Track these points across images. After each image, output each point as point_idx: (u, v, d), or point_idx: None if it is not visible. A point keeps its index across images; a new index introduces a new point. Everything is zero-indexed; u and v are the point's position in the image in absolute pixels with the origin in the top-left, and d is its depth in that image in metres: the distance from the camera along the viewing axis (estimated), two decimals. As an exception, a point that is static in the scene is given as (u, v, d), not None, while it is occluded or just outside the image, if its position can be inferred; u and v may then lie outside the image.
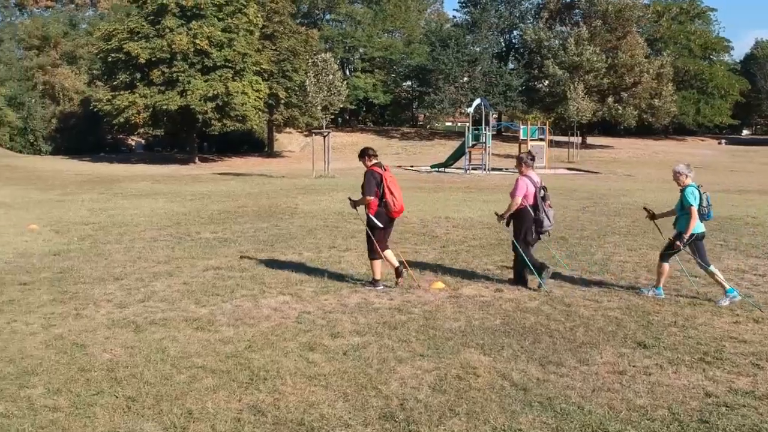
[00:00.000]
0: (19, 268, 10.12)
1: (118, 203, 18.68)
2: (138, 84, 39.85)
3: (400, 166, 40.70)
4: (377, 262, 8.87)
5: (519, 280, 9.07)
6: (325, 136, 30.04)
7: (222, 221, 15.22)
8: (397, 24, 66.15)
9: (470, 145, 36.58)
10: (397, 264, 8.94)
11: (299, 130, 55.71)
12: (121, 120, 40.24)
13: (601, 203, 19.16)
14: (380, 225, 8.77)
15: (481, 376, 5.86)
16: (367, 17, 63.04)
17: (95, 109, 41.36)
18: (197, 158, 43.97)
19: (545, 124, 42.77)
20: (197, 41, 38.69)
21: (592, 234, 13.42)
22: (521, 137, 39.06)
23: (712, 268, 8.25)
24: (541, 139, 39.40)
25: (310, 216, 16.17)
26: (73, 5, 72.33)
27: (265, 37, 45.09)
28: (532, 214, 8.83)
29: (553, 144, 45.89)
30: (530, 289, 8.87)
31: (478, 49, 59.00)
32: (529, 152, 9.48)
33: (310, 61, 30.59)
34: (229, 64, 39.97)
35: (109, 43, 40.09)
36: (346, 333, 7.04)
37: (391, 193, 8.64)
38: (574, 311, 7.85)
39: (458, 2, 63.51)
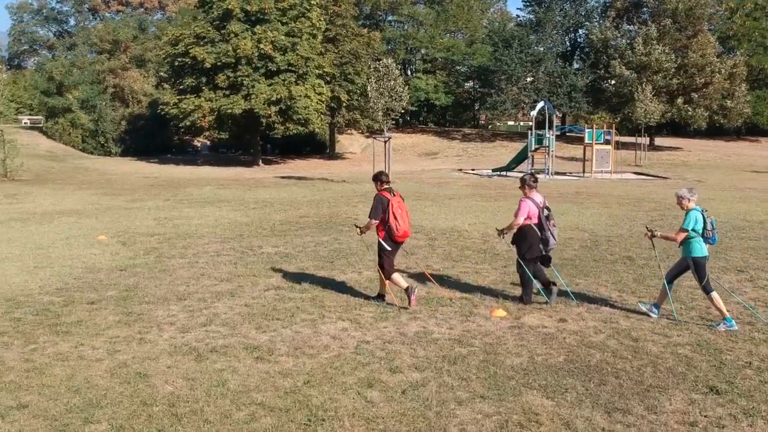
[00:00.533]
0: (87, 285, 10.39)
1: (183, 212, 19.04)
2: (204, 88, 40.66)
3: (461, 169, 40.43)
4: (395, 277, 9.29)
5: (527, 293, 9.31)
6: (385, 142, 30.00)
7: (283, 233, 15.33)
8: (459, 24, 65.63)
9: (533, 148, 36.01)
10: (405, 286, 9.16)
11: (360, 131, 55.93)
12: (188, 123, 41.19)
13: (669, 215, 18.53)
14: (388, 248, 9.09)
15: (544, 424, 5.68)
16: (429, 18, 62.76)
17: (162, 113, 42.40)
18: (260, 161, 44.60)
19: (611, 127, 41.74)
20: (261, 46, 39.21)
21: (660, 253, 12.93)
22: (586, 141, 38.18)
23: (713, 293, 8.31)
24: (608, 141, 38.44)
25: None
26: (142, 9, 74.43)
27: (328, 40, 45.38)
28: (538, 233, 9.12)
29: (619, 146, 44.77)
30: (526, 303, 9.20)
31: (542, 48, 58.05)
32: (533, 174, 9.68)
33: (371, 66, 30.52)
34: (292, 68, 40.39)
35: (176, 47, 41.05)
36: (405, 368, 6.95)
37: (396, 218, 8.97)
38: (642, 347, 7.56)
39: (522, 1, 62.61)
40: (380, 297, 9.44)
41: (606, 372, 6.84)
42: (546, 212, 9.20)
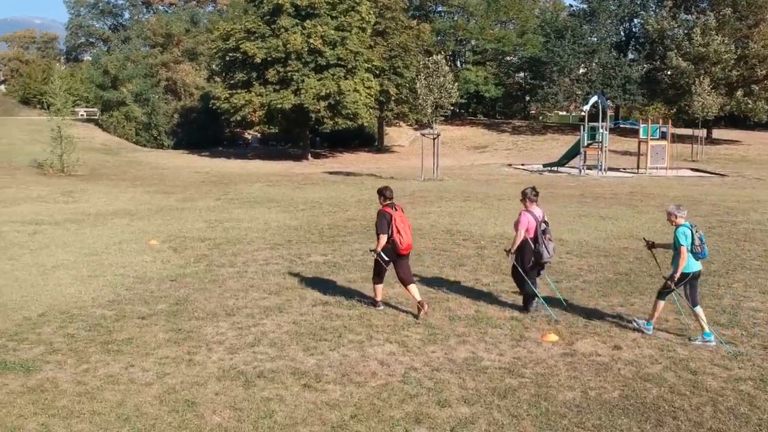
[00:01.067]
0: (138, 297, 10.52)
1: (234, 213, 19.18)
2: (254, 83, 40.92)
3: (510, 165, 39.87)
4: (378, 287, 9.82)
5: (527, 302, 9.74)
6: (434, 139, 29.74)
7: (332, 239, 15.30)
8: (510, 14, 64.59)
9: (585, 144, 35.26)
10: (419, 299, 9.47)
11: (409, 124, 55.66)
12: (238, 118, 41.58)
13: (728, 221, 17.91)
14: (387, 259, 9.47)
15: (598, 473, 5.49)
16: (479, 8, 61.91)
17: (214, 107, 42.87)
18: (309, 154, 44.78)
19: (667, 120, 40.60)
20: (311, 40, 39.25)
21: (719, 268, 12.48)
22: (641, 136, 37.19)
23: (697, 308, 8.53)
24: (663, 136, 37.35)
25: (418, 234, 15.93)
26: (194, 2, 75.37)
27: (377, 33, 45.15)
28: (532, 245, 9.46)
29: (675, 138, 43.46)
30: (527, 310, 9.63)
31: (595, 39, 56.70)
32: (534, 188, 9.87)
33: (421, 62, 30.24)
34: (342, 63, 40.33)
35: (227, 42, 41.39)
36: (454, 401, 6.81)
37: (398, 232, 9.36)
38: (701, 382, 7.27)
39: (575, -10, 61.08)
40: (374, 303, 9.94)
41: (663, 411, 6.58)
42: (543, 226, 9.52)
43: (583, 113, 39.09)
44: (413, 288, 9.56)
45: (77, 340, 8.57)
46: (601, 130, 34.61)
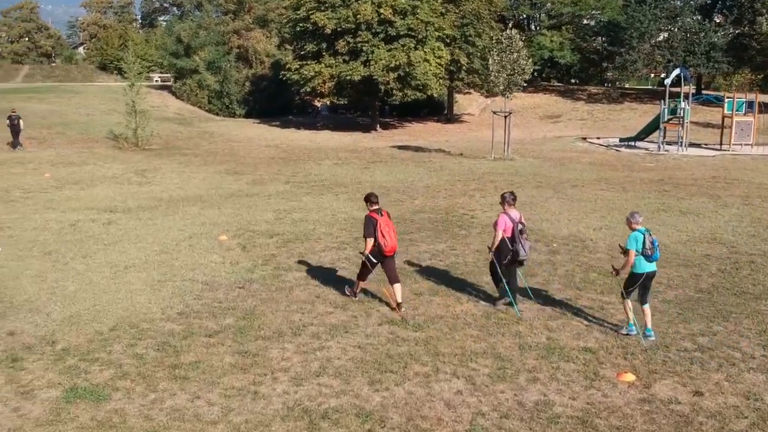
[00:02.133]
0: (206, 309, 10.57)
1: (302, 201, 19.12)
2: (324, 54, 40.69)
3: (585, 138, 38.61)
4: (361, 282, 10.81)
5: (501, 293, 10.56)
6: (505, 117, 28.94)
7: (399, 237, 15.02)
8: (588, -25, 61.98)
9: (665, 119, 33.71)
10: (399, 301, 10.36)
11: (480, 92, 54.50)
12: (308, 89, 41.55)
13: (821, 220, 16.78)
14: (374, 261, 10.35)
15: None
16: (556, -31, 59.64)
17: (284, 78, 42.90)
18: (378, 125, 44.45)
19: (754, 91, 38.30)
20: (381, 10, 38.62)
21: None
22: (725, 111, 35.26)
23: (645, 306, 9.39)
24: (750, 107, 35.20)
25: (486, 231, 15.52)
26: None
27: (448, 0, 44.03)
28: (509, 245, 10.19)
29: (762, 108, 40.93)
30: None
31: (678, 2, 53.88)
32: (512, 193, 10.66)
33: (494, 38, 29.31)
34: (412, 33, 39.60)
35: (297, 12, 41.14)
36: (523, 460, 6.54)
37: (383, 236, 10.20)
38: (792, 446, 6.77)
39: (659, -50, 57.94)
40: (353, 293, 10.96)
41: (750, 485, 6.15)
42: (520, 227, 10.32)
43: (664, 85, 37.33)
44: (398, 287, 10.42)
45: (145, 362, 8.65)
46: (682, 105, 33.01)
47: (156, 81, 62.35)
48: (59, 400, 7.70)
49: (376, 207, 10.49)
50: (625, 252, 9.42)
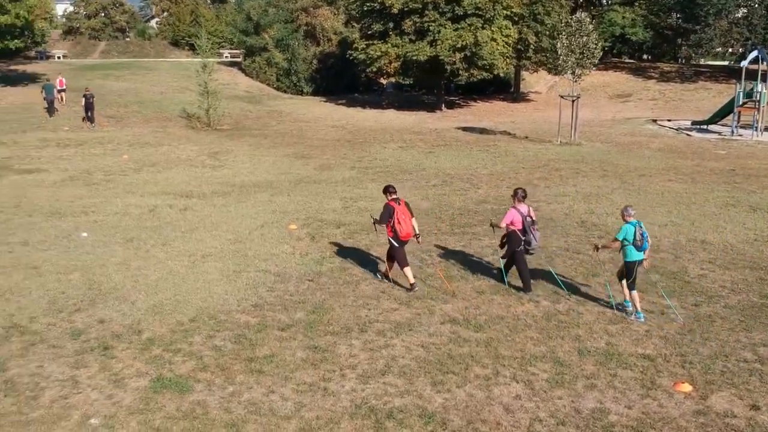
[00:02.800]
0: (279, 301, 11.17)
1: (368, 189, 19.55)
2: (390, 33, 40.81)
3: (655, 121, 37.81)
4: (407, 269, 11.64)
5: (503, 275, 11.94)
6: (573, 101, 28.66)
7: (462, 230, 15.39)
8: (664, -53, 59.81)
9: (740, 103, 32.74)
10: (412, 281, 11.52)
11: (547, 70, 53.62)
12: (374, 69, 41.84)
13: None
14: (396, 245, 11.54)
15: None
16: (630, -58, 57.81)
17: (351, 57, 43.28)
18: (443, 105, 44.45)
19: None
20: (449, -11, 38.44)
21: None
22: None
23: (633, 292, 10.45)
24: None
25: (551, 225, 15.72)
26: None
27: (518, -23, 43.38)
28: (520, 236, 11.34)
29: None
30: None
31: (760, -24, 51.69)
32: (523, 189, 11.82)
33: (563, 21, 28.93)
34: (479, 12, 39.29)
35: (366, -9, 41.29)
36: (578, 469, 6.88)
37: (399, 222, 11.36)
38: None
39: None
40: (386, 277, 12.02)
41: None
42: (530, 219, 11.45)
43: (740, 65, 36.12)
44: (408, 270, 11.58)
45: (223, 354, 9.30)
46: (759, 88, 31.96)
47: (226, 57, 63.54)
48: (147, 389, 8.41)
49: (394, 196, 11.69)
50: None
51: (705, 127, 34.80)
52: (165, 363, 9.08)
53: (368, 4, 41.20)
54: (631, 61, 64.68)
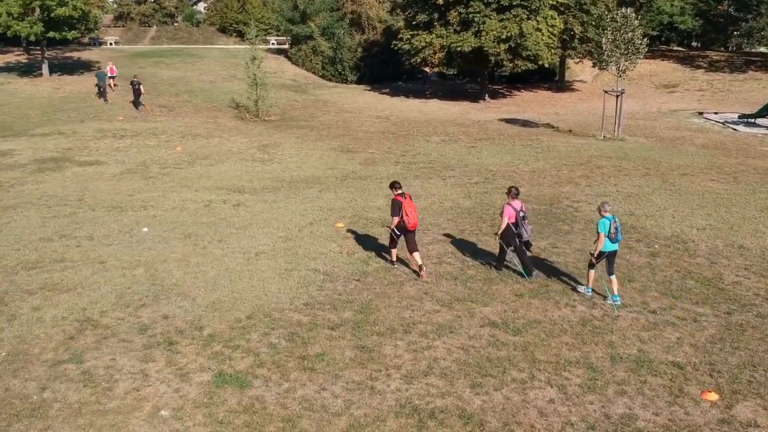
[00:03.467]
0: (328, 300, 11.92)
1: (412, 186, 20.05)
2: (435, 24, 41.14)
3: (701, 113, 37.47)
4: (394, 251, 13.58)
5: (499, 263, 13.48)
6: (617, 96, 28.73)
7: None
8: (717, -67, 58.58)
9: (790, 97, 32.33)
10: (419, 264, 13.06)
11: (592, 63, 53.25)
12: (419, 59, 42.26)
13: None
14: (398, 234, 13.12)
15: None
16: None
17: (396, 48, 43.74)
18: (487, 95, 44.67)
19: None
20: (494, -19, 38.56)
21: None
22: None
23: (612, 276, 11.97)
24: None
25: (590, 227, 16.09)
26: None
27: (564, -33, 43.20)
28: (513, 229, 12.84)
29: None
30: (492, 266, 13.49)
31: (817, -37, 50.37)
32: (516, 188, 13.27)
33: (609, 17, 28.92)
34: (524, 3, 39.33)
35: (411, -20, 41.69)
36: (605, 472, 7.47)
37: (407, 215, 12.88)
38: None
39: None
40: (391, 263, 13.68)
41: None
42: (522, 214, 12.90)
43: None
44: (417, 255, 13.08)
45: (278, 352, 10.08)
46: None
47: (272, 44, 64.51)
48: (210, 384, 9.24)
49: (400, 191, 13.15)
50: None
51: (753, 120, 34.42)
52: (225, 359, 9.90)
53: (414, -6, 41.60)
54: (680, 49, 63.67)
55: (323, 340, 10.47)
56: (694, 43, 66.42)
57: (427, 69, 55.22)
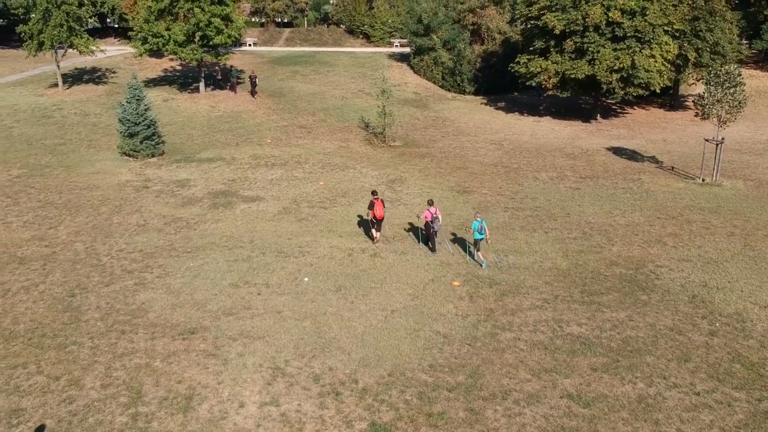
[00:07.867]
0: (446, 364, 16.00)
1: (517, 241, 23.70)
2: (551, 51, 43.84)
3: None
4: (373, 231, 23.16)
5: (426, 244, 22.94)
6: (717, 145, 30.86)
7: (590, 298, 19.28)
8: None
9: None
10: (375, 237, 23.11)
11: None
12: (533, 83, 45.16)
13: None
14: (374, 221, 22.87)
15: None
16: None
17: (512, 70, 46.78)
18: (598, 114, 46.97)
19: None
20: (610, 13, 40.77)
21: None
22: None
23: (479, 253, 21.58)
24: None
25: (666, 299, 19.26)
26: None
27: (681, -6, 44.59)
28: (431, 224, 22.12)
29: None
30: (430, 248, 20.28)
31: None
32: (431, 199, 22.97)
33: (712, 72, 30.98)
34: (638, 35, 41.32)
35: (530, 9, 44.44)
36: None
37: (375, 210, 22.60)
38: None
39: None
40: (373, 240, 23.29)
41: None
42: (436, 217, 22.12)
43: None
44: (379, 234, 23.15)
45: (411, 408, 14.30)
46: None
47: (396, 46, 68.59)
48: (367, 431, 13.59)
49: (376, 197, 22.68)
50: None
51: None
52: (375, 411, 14.23)
53: (532, 22, 44.38)
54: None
55: (443, 400, 14.61)
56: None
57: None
